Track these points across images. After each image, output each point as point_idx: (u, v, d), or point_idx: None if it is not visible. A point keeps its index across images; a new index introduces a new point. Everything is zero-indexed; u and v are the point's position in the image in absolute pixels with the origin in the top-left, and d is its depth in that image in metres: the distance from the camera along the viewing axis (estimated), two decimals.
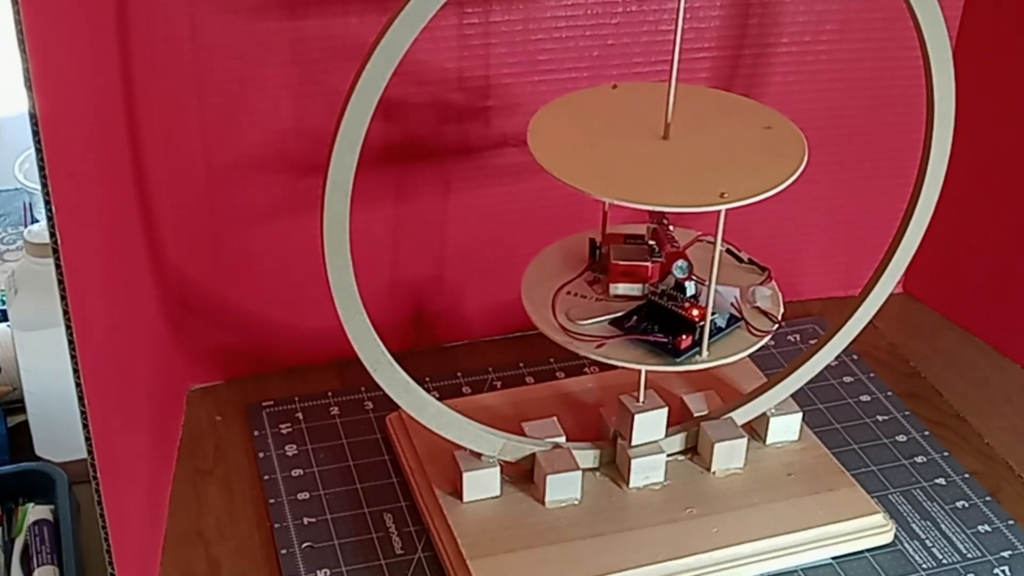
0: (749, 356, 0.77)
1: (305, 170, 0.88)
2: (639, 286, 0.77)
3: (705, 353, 0.74)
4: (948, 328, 1.05)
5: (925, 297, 1.08)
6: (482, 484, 0.79)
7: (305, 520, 0.82)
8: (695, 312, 0.74)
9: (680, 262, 0.75)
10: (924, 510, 0.84)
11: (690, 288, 0.76)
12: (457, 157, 0.91)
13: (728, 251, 0.82)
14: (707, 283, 0.74)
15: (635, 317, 0.76)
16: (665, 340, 0.74)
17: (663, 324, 0.75)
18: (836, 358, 0.83)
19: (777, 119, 0.75)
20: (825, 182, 0.99)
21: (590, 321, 0.75)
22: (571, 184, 0.67)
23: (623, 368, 0.75)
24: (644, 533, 0.78)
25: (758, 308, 0.78)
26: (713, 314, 0.74)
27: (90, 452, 0.61)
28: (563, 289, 0.78)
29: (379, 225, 0.92)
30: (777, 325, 0.77)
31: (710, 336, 0.74)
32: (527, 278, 0.79)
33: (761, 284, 0.79)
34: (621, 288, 0.77)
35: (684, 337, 0.73)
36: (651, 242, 0.79)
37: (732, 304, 0.77)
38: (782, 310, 0.78)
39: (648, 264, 0.77)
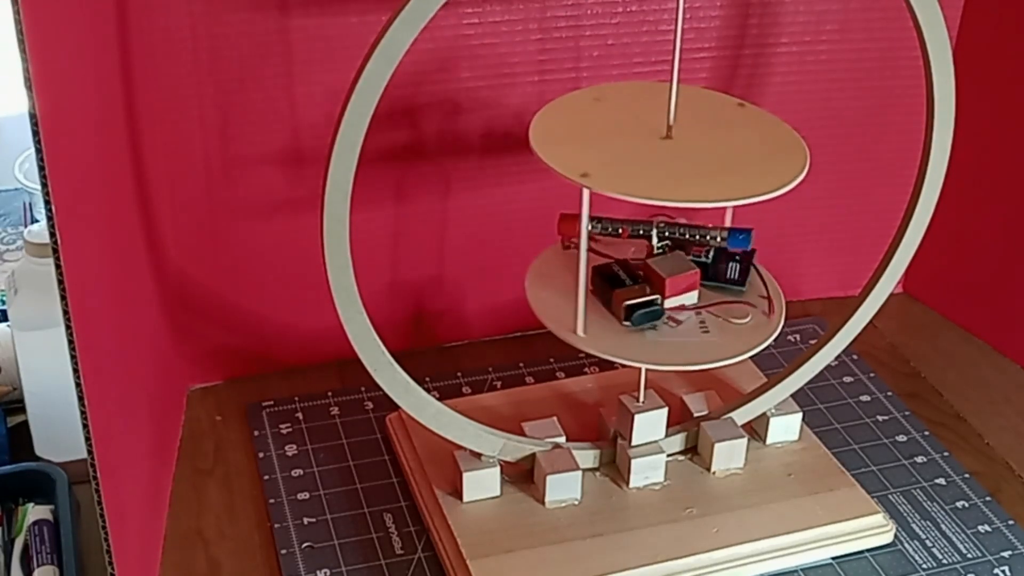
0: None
1: (305, 169, 0.88)
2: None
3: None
4: (948, 328, 1.05)
5: (925, 297, 1.08)
6: (482, 484, 0.79)
7: (305, 520, 0.82)
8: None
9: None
10: (924, 510, 0.84)
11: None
12: (457, 157, 0.91)
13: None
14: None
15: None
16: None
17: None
18: (836, 358, 0.83)
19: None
20: (825, 182, 0.99)
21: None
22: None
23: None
24: (644, 533, 0.78)
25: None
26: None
27: (90, 452, 0.61)
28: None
29: (379, 225, 0.92)
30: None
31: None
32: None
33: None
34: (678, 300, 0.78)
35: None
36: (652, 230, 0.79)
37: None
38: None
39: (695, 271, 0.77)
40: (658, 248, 0.78)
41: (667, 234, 0.77)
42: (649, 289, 0.75)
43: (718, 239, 0.76)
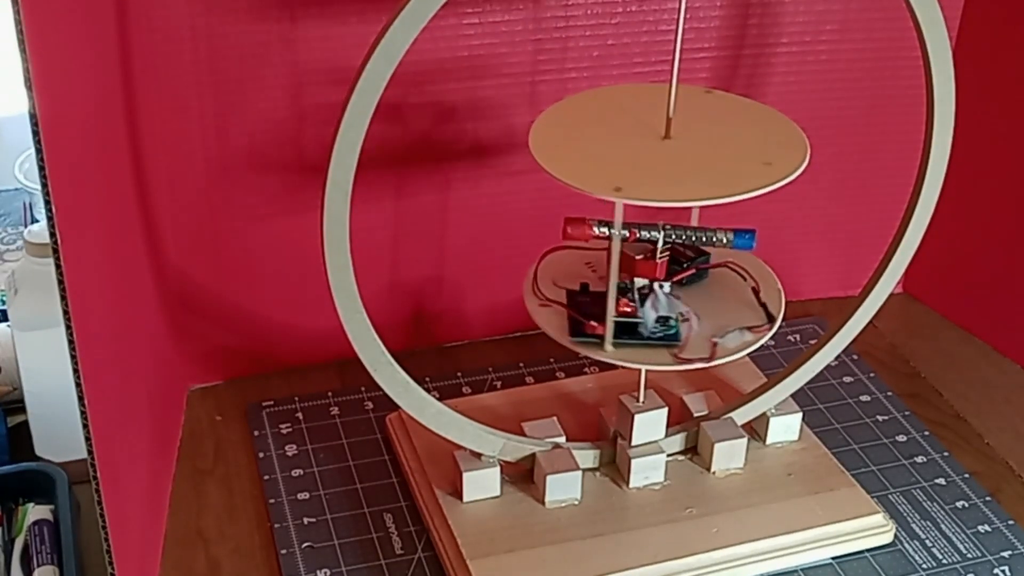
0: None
1: (305, 170, 0.88)
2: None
3: (610, 347, 0.74)
4: (948, 328, 1.05)
5: (925, 297, 1.08)
6: (482, 484, 0.79)
7: (305, 520, 0.82)
8: (627, 309, 0.74)
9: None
10: (924, 510, 0.84)
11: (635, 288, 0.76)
12: (457, 157, 0.91)
13: (753, 288, 0.80)
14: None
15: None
16: (579, 320, 0.74)
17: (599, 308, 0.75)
18: (836, 358, 0.83)
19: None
20: (825, 182, 0.99)
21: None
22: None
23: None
24: (644, 533, 0.78)
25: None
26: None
27: (90, 452, 0.61)
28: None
29: (379, 225, 0.92)
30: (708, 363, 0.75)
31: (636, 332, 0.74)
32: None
33: (749, 329, 0.77)
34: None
35: (594, 324, 0.73)
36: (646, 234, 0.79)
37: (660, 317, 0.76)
38: (743, 355, 0.76)
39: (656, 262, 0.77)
40: (660, 255, 0.78)
41: (672, 237, 0.76)
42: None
43: (724, 240, 0.76)
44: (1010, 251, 0.99)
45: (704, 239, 0.76)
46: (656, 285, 0.76)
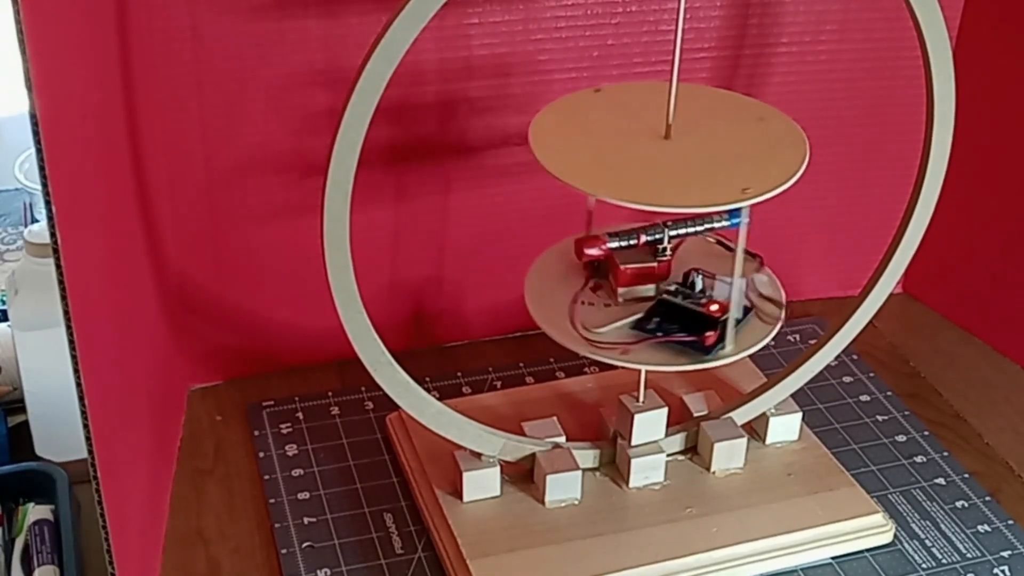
0: (754, 353, 0.77)
1: (305, 170, 0.88)
2: (651, 287, 0.77)
3: (731, 346, 0.74)
4: (948, 328, 1.05)
5: (925, 297, 1.08)
6: (482, 484, 0.80)
7: (305, 520, 0.82)
8: (715, 308, 0.74)
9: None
10: (924, 510, 0.84)
11: (698, 283, 0.76)
12: (457, 157, 0.91)
13: (719, 242, 0.81)
14: (716, 278, 0.75)
15: (654, 319, 0.75)
16: (692, 339, 0.74)
17: (681, 322, 0.75)
18: (836, 358, 0.83)
19: (771, 112, 0.75)
20: (825, 182, 0.99)
21: (608, 328, 0.75)
22: (578, 187, 0.67)
23: (632, 368, 0.75)
24: (644, 533, 0.78)
25: (761, 295, 0.78)
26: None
27: (90, 452, 0.61)
28: (576, 300, 0.78)
29: (379, 225, 0.92)
30: (784, 309, 0.77)
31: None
32: (529, 292, 0.79)
33: (757, 272, 0.79)
34: (630, 291, 0.77)
35: (710, 334, 0.73)
36: (647, 238, 0.79)
37: (746, 295, 0.77)
38: (783, 294, 0.78)
39: (655, 263, 0.77)
40: (660, 257, 0.78)
41: (674, 233, 0.77)
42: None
43: (721, 223, 0.76)
44: (1010, 251, 0.99)
45: (705, 228, 0.77)
46: (701, 278, 0.77)
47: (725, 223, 0.77)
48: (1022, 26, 0.93)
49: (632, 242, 0.77)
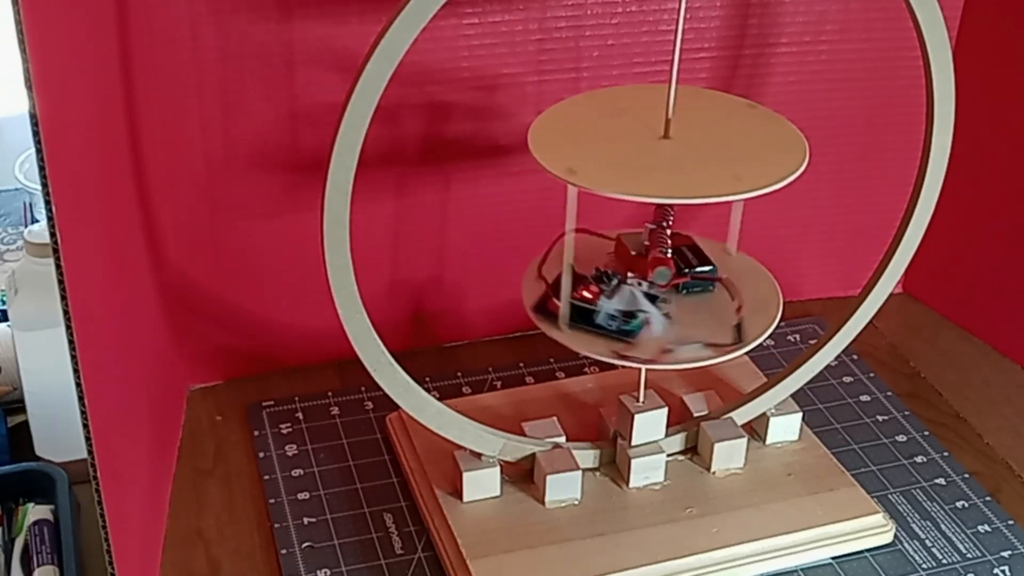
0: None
1: (305, 170, 0.88)
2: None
3: (562, 327, 0.75)
4: (948, 328, 1.05)
5: (925, 297, 1.08)
6: (482, 484, 0.80)
7: (305, 520, 0.82)
8: (586, 293, 0.75)
9: (661, 268, 0.76)
10: (924, 510, 0.84)
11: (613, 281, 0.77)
12: (457, 157, 0.91)
13: (737, 308, 0.79)
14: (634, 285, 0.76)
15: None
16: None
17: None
18: (836, 358, 0.83)
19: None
20: (825, 182, 0.99)
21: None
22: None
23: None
24: (644, 533, 0.78)
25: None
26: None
27: (90, 452, 0.61)
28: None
29: (379, 225, 0.92)
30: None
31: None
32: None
33: (712, 346, 0.76)
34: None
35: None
36: (646, 243, 0.79)
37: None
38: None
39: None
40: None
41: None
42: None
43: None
44: (1010, 251, 0.99)
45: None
46: (633, 281, 0.76)
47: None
48: (1022, 26, 0.93)
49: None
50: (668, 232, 0.79)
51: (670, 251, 0.78)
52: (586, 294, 0.75)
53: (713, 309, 0.78)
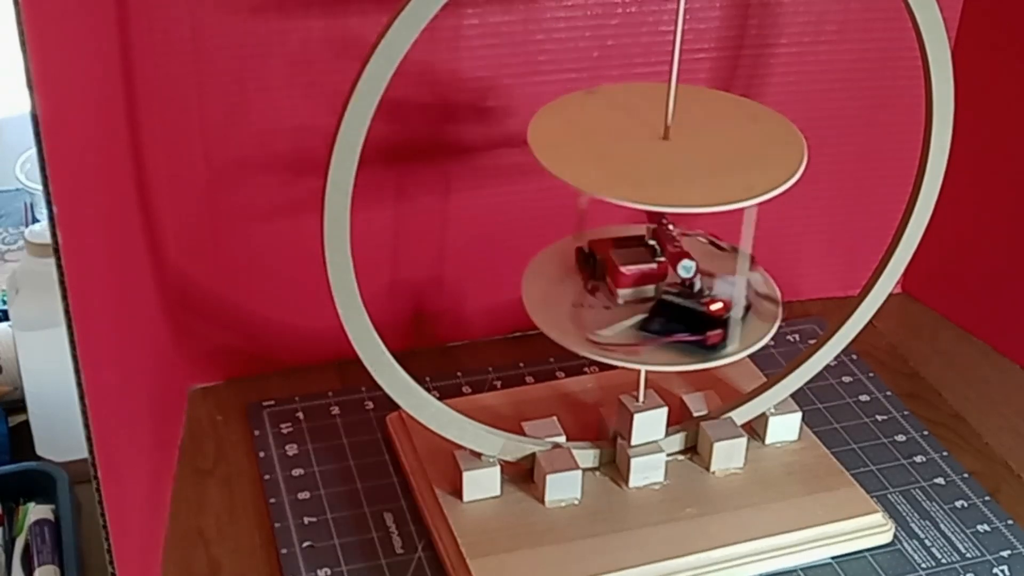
0: (755, 352, 0.77)
1: (305, 170, 0.88)
2: (651, 287, 0.77)
3: (736, 344, 0.74)
4: (948, 328, 1.05)
5: (925, 297, 1.08)
6: (482, 484, 0.80)
7: (305, 520, 0.82)
8: (717, 307, 0.74)
9: (686, 261, 0.75)
10: (923, 510, 0.84)
11: (697, 283, 0.76)
12: (457, 157, 0.91)
13: (711, 242, 0.81)
14: (716, 277, 0.75)
15: (658, 319, 0.76)
16: (697, 339, 0.74)
17: (684, 322, 0.75)
18: (836, 358, 0.84)
19: (767, 112, 0.75)
20: (825, 182, 0.99)
21: (611, 331, 0.75)
22: (580, 187, 0.67)
23: (635, 369, 0.75)
24: (644, 533, 0.78)
25: (758, 293, 0.78)
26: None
27: (91, 452, 0.61)
28: (580, 304, 0.78)
29: (379, 225, 0.92)
30: (781, 306, 0.78)
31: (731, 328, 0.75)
32: (528, 297, 0.79)
33: (751, 270, 0.79)
34: (631, 292, 0.77)
35: (714, 333, 0.74)
36: (651, 241, 0.79)
37: (745, 295, 0.77)
38: (779, 292, 0.78)
39: (655, 264, 0.77)
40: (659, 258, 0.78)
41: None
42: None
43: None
44: (1010, 251, 0.99)
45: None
46: (699, 277, 0.77)
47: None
48: (1022, 26, 0.93)
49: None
50: (671, 227, 0.79)
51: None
52: (715, 307, 0.75)
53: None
